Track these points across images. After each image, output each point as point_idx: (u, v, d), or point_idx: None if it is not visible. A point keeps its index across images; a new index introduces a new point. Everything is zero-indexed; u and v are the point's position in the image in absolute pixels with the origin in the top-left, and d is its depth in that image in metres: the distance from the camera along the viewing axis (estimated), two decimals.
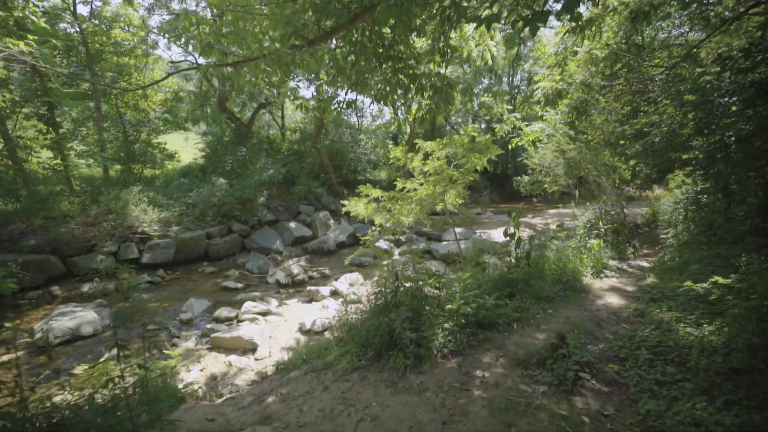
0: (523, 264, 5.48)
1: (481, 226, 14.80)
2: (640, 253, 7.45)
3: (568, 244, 6.25)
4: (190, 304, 8.79)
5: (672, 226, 6.80)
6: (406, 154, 7.81)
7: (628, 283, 5.49)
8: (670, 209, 7.09)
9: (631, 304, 4.61)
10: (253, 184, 12.99)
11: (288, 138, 18.59)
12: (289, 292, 10.17)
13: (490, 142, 7.56)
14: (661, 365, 3.10)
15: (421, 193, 7.46)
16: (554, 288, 5.13)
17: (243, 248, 13.12)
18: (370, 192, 7.84)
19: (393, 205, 7.62)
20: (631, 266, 6.45)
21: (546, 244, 6.13)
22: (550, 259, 5.77)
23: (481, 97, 18.05)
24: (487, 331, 4.10)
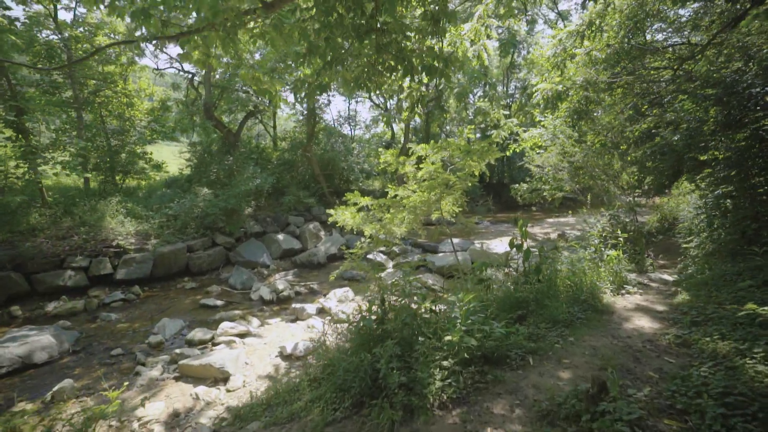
0: (534, 280, 4.62)
1: (479, 236, 13.94)
2: (656, 264, 6.61)
3: (581, 255, 5.40)
4: (162, 325, 7.83)
5: (695, 235, 5.98)
6: (398, 158, 6.98)
7: (656, 301, 4.62)
8: (691, 215, 6.27)
9: (667, 329, 3.74)
10: (238, 194, 12.10)
11: (279, 147, 17.80)
12: (273, 309, 9.22)
13: (490, 142, 6.77)
14: (740, 425, 2.22)
15: (414, 200, 6.61)
16: (572, 308, 4.25)
17: (228, 262, 12.17)
18: (359, 200, 6.98)
19: (383, 214, 6.77)
20: (652, 280, 5.60)
21: (556, 256, 5.27)
22: (562, 273, 4.92)
23: (476, 103, 17.43)
24: (497, 368, 3.21)
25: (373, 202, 7.06)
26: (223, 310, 9.05)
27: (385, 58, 3.30)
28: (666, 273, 6.10)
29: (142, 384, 5.96)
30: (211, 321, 8.46)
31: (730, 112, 5.44)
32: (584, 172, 7.79)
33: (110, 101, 15.90)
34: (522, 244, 4.75)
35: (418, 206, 6.53)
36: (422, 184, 6.40)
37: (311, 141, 14.97)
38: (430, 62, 3.18)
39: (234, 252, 12.19)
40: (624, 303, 4.60)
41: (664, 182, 9.10)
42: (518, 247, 4.74)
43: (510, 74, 21.42)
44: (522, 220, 4.88)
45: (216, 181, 13.58)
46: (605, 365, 3.09)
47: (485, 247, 10.94)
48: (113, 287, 9.96)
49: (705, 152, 6.07)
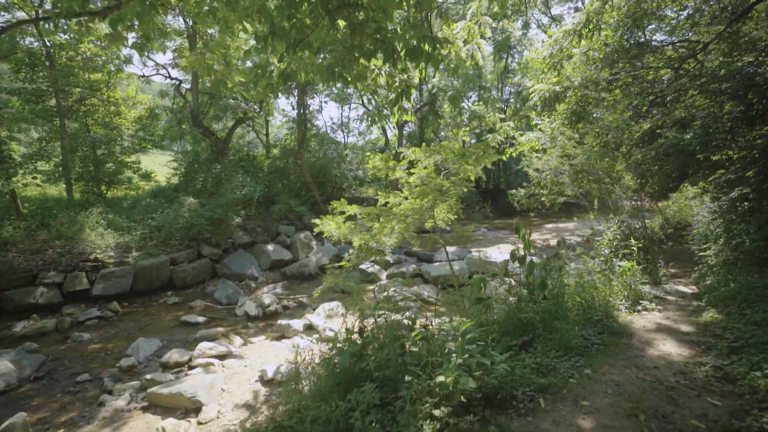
0: (539, 297, 4.00)
1: (476, 243, 13.33)
2: (668, 273, 6.01)
3: (589, 266, 4.79)
4: (136, 346, 7.15)
5: (712, 242, 5.39)
6: (387, 162, 6.39)
7: (679, 320, 4.01)
8: (706, 220, 5.69)
9: (701, 357, 3.12)
10: (225, 203, 11.47)
11: (271, 154, 17.22)
12: (258, 326, 8.55)
13: (486, 145, 6.20)
14: None
15: (404, 208, 6.01)
16: (584, 331, 3.63)
17: (214, 274, 11.50)
18: (346, 208, 6.37)
19: (372, 223, 6.16)
20: (668, 293, 4.99)
21: (562, 268, 4.67)
22: (570, 288, 4.31)
23: (471, 106, 16.92)
24: (501, 413, 2.58)
25: (361, 211, 6.45)
26: (205, 328, 8.38)
27: (362, 41, 2.73)
28: (681, 284, 5.49)
29: (104, 417, 5.28)
30: (191, 340, 7.79)
31: (749, 106, 4.90)
32: (586, 175, 7.23)
33: (97, 110, 15.34)
34: (524, 256, 4.14)
35: (409, 214, 5.92)
36: (413, 190, 5.80)
37: (302, 148, 14.39)
38: (414, 44, 2.61)
39: (221, 264, 11.53)
40: (643, 322, 3.99)
41: (670, 185, 8.55)
42: (520, 259, 4.14)
43: (504, 79, 20.99)
44: (523, 229, 4.28)
45: (203, 191, 12.96)
46: (635, 409, 2.46)
47: (483, 256, 10.32)
48: (90, 304, 9.27)
49: (719, 151, 5.52)
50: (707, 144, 5.34)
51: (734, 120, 5.09)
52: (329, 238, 6.59)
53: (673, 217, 11.51)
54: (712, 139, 5.33)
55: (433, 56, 2.62)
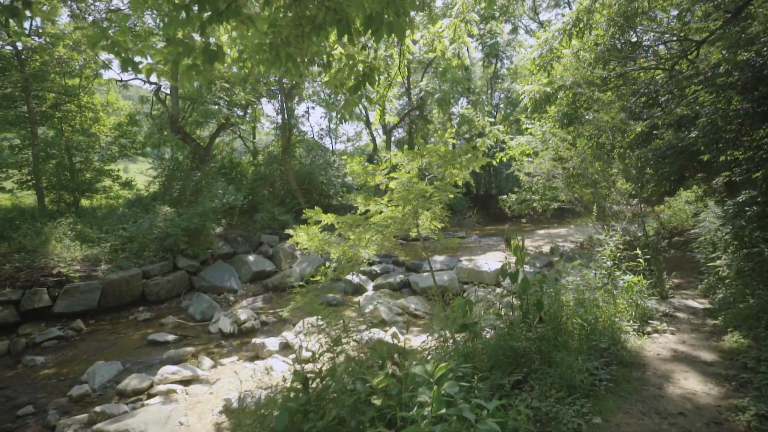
0: (534, 319, 3.38)
1: (467, 251, 12.72)
2: (672, 284, 5.44)
3: (590, 280, 4.19)
4: (93, 371, 6.38)
5: (721, 250, 4.82)
6: (366, 167, 5.77)
7: (696, 344, 3.41)
8: (713, 227, 5.13)
9: (735, 399, 2.51)
10: (202, 212, 10.76)
11: (253, 161, 16.54)
12: (233, 344, 7.82)
13: (473, 147, 5.61)
14: None
15: (384, 217, 5.38)
16: (589, 363, 3.01)
17: (191, 287, 10.74)
18: (321, 217, 5.72)
19: (349, 232, 5.52)
20: (677, 308, 4.40)
21: (558, 282, 4.05)
22: (570, 307, 3.69)
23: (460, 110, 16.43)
24: None
25: (339, 220, 5.79)
26: (174, 347, 7.63)
27: (309, 11, 2.12)
28: (688, 296, 4.91)
29: None
30: (157, 361, 7.04)
31: (762, 100, 4.37)
32: (581, 179, 6.69)
33: (73, 116, 14.59)
34: (517, 272, 3.51)
35: (388, 224, 5.29)
36: (393, 196, 5.18)
37: (287, 154, 13.75)
38: (373, 11, 2.00)
39: (198, 276, 10.79)
40: (655, 348, 3.38)
41: (667, 188, 8.03)
42: (512, 276, 3.51)
43: (494, 84, 20.60)
44: (515, 241, 3.67)
45: (182, 199, 12.23)
46: None
47: (474, 265, 9.71)
48: (51, 322, 8.46)
49: (725, 152, 4.97)
50: (716, 142, 4.78)
51: (743, 116, 4.55)
52: (303, 250, 5.92)
53: (667, 221, 11.01)
54: (720, 138, 4.78)
55: (397, 25, 2.01)
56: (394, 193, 5.29)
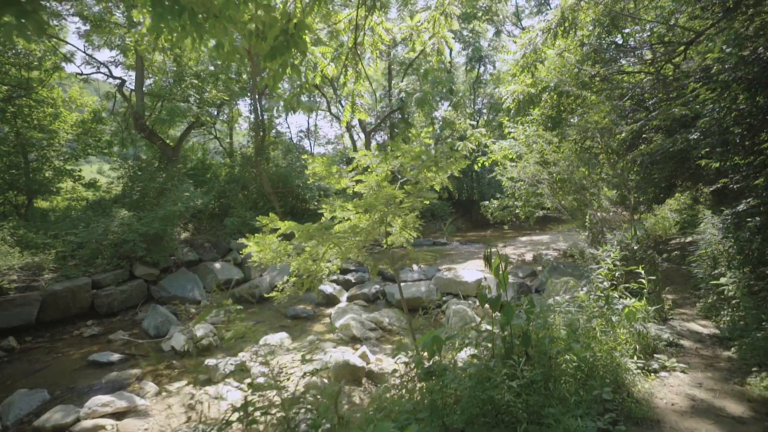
0: (520, 357, 2.65)
1: (447, 258, 12.05)
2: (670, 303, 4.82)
3: (582, 301, 3.51)
4: (9, 403, 5.41)
5: (725, 266, 4.22)
6: (329, 168, 5.00)
7: (717, 387, 2.76)
8: (715, 239, 4.53)
9: None
10: (163, 216, 9.79)
11: (226, 163, 15.56)
12: (186, 365, 6.88)
13: (451, 147, 4.92)
14: None
15: (350, 225, 4.63)
16: (589, 420, 2.29)
17: (150, 298, 9.74)
18: (278, 225, 4.92)
19: (306, 244, 4.73)
20: (681, 334, 3.77)
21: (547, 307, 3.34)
22: (561, 335, 3.00)
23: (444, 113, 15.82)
24: None
25: (298, 229, 4.98)
26: (118, 368, 6.69)
27: None
28: (690, 318, 4.29)
29: None
30: (96, 387, 6.10)
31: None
32: (567, 184, 6.09)
33: (30, 111, 13.37)
34: (498, 297, 2.79)
35: (348, 234, 4.53)
36: (357, 202, 4.42)
37: (260, 155, 12.86)
38: None
39: (158, 286, 9.79)
40: (668, 394, 2.70)
41: (657, 195, 7.50)
42: (492, 302, 2.79)
43: (476, 89, 20.14)
44: (497, 258, 2.95)
45: (145, 202, 11.20)
46: None
47: (453, 275, 9.01)
48: None
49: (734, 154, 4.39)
50: (724, 144, 4.19)
51: (756, 114, 3.97)
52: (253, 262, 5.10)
53: (651, 230, 10.54)
54: (726, 139, 4.19)
55: None
56: (360, 199, 4.54)
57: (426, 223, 16.89)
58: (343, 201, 5.05)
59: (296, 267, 5.11)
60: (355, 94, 5.95)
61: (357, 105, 6.12)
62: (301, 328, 8.45)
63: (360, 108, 6.15)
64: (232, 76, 12.41)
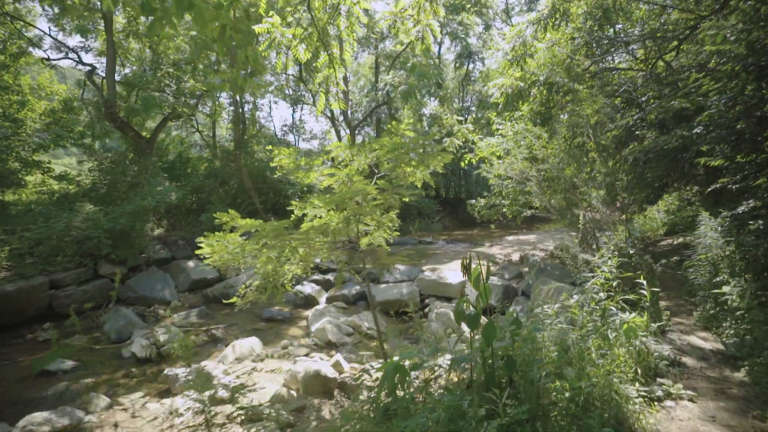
0: (504, 388, 2.17)
1: (432, 258, 11.59)
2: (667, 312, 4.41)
3: (573, 312, 3.06)
4: None
5: (727, 273, 3.81)
6: (296, 159, 4.46)
7: (733, 422, 2.33)
8: (716, 244, 4.13)
9: None
10: (131, 212, 9.11)
11: (205, 157, 14.84)
12: (146, 373, 6.27)
13: (433, 138, 4.42)
14: None
15: (316, 225, 4.10)
16: None
17: (117, 299, 9.05)
18: (238, 223, 4.35)
19: (265, 246, 4.18)
20: (682, 350, 3.35)
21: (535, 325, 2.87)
22: (551, 356, 2.54)
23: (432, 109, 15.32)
24: None
25: (262, 227, 4.42)
26: (70, 378, 6.06)
27: None
28: (689, 330, 3.88)
29: None
30: (46, 397, 5.49)
31: None
32: (557, 182, 5.66)
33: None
34: (478, 315, 2.30)
35: (312, 234, 4.00)
36: (326, 198, 3.89)
37: (240, 149, 12.19)
38: None
39: (124, 285, 9.11)
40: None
41: (649, 196, 7.12)
42: (471, 320, 2.30)
43: (465, 86, 19.70)
44: (478, 267, 2.46)
45: (115, 196, 10.48)
46: None
47: (437, 276, 8.55)
48: None
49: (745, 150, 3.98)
50: (731, 138, 3.76)
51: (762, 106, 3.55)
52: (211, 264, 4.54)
53: (639, 231, 10.22)
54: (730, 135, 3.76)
55: None
56: (324, 194, 4.01)
57: (411, 221, 16.40)
58: (301, 199, 4.52)
59: (258, 270, 4.58)
60: (330, 81, 5.40)
61: (333, 93, 5.57)
62: (275, 331, 7.89)
63: (336, 97, 5.60)
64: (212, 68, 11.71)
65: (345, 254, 4.72)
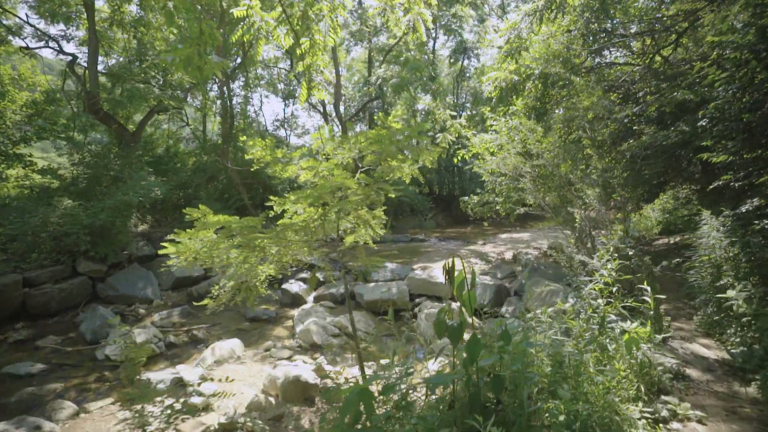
0: (490, 410, 1.87)
1: (423, 256, 11.29)
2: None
3: (570, 322, 2.76)
4: None
5: (733, 277, 3.54)
6: (272, 150, 4.12)
7: None
8: (719, 245, 3.85)
9: None
10: (112, 207, 8.72)
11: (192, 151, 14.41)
12: (120, 377, 5.93)
13: (420, 130, 4.09)
14: None
15: (294, 221, 3.78)
16: None
17: (95, 297, 8.69)
18: (209, 219, 3.99)
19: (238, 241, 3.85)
20: (685, 360, 3.07)
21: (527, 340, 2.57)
22: (543, 370, 2.24)
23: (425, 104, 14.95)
24: None
25: (237, 223, 4.08)
26: (39, 382, 5.70)
27: None
28: (690, 336, 3.61)
29: None
30: (5, 405, 5.13)
31: None
32: (552, 179, 5.37)
33: None
34: (461, 327, 2.00)
35: (285, 234, 3.67)
36: (299, 193, 3.55)
37: (227, 143, 11.80)
38: None
39: (105, 283, 8.73)
40: None
41: (646, 194, 6.85)
42: (453, 333, 1.99)
43: (460, 82, 19.35)
44: (462, 271, 2.15)
45: (96, 191, 10.06)
46: None
47: (427, 275, 8.25)
48: None
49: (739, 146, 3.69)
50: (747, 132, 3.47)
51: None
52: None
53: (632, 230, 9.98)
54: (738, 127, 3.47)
55: None
56: (304, 191, 3.67)
57: (404, 218, 16.09)
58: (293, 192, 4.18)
59: (229, 272, 4.25)
60: (312, 69, 5.04)
61: (315, 82, 5.21)
62: (260, 332, 7.56)
63: (320, 86, 5.25)
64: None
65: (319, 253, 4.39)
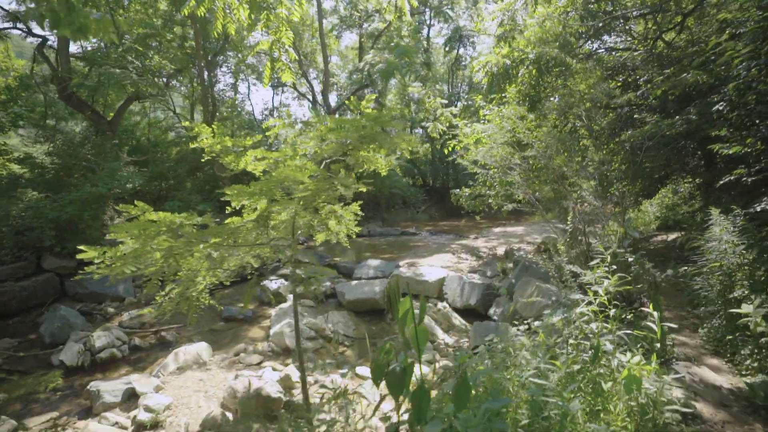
0: None
1: (411, 252, 10.76)
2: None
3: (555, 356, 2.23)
4: None
5: (748, 287, 3.02)
6: (223, 141, 3.54)
7: None
8: (732, 249, 3.31)
9: None
10: (80, 199, 8.12)
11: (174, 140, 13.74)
12: (74, 386, 5.42)
13: (392, 116, 3.52)
14: None
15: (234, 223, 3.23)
16: None
17: (63, 295, 8.15)
18: (151, 215, 3.42)
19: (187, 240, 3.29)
20: (696, 390, 2.56)
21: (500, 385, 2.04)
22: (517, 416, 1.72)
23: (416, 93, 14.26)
24: None
25: (187, 221, 3.50)
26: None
27: None
28: (696, 354, 3.10)
29: None
30: None
31: None
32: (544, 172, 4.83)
33: None
34: (405, 378, 1.46)
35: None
36: (244, 188, 3.00)
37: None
38: None
39: (74, 281, 8.16)
40: None
41: (647, 188, 6.29)
42: (393, 383, 1.45)
43: (455, 71, 18.62)
44: (409, 300, 1.61)
45: (65, 182, 9.44)
46: None
47: (413, 273, 7.73)
48: None
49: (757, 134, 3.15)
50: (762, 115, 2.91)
51: None
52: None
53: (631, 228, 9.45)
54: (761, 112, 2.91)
55: None
56: (248, 185, 3.11)
57: (396, 210, 15.54)
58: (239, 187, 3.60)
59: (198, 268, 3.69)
60: (275, 47, 4.43)
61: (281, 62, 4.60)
62: (234, 332, 7.05)
63: (285, 66, 4.63)
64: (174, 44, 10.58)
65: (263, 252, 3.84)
